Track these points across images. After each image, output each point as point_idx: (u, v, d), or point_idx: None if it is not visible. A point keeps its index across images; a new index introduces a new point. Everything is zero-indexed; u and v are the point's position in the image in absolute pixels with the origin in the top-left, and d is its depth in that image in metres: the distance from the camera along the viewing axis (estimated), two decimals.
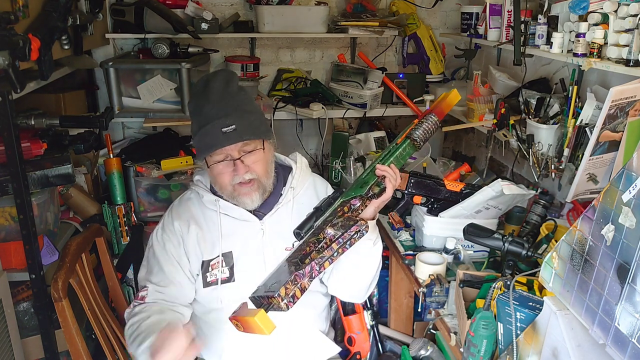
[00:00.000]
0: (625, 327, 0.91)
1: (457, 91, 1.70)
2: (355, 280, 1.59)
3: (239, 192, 1.50)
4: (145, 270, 1.57)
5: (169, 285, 1.52)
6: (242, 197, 1.51)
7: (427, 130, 1.60)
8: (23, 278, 1.74)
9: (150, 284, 1.52)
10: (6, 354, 1.70)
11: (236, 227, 1.55)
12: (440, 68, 2.96)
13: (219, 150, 1.45)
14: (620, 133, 1.56)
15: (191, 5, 2.51)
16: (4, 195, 1.65)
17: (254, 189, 1.50)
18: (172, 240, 1.55)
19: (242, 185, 1.49)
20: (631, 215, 0.90)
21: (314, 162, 3.08)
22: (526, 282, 1.38)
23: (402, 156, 1.56)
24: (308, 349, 1.60)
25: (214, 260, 1.54)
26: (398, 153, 1.55)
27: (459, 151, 3.13)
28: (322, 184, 1.71)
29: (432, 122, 1.62)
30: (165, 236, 1.56)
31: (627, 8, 1.53)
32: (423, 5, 2.97)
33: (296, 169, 1.63)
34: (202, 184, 1.62)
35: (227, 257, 1.54)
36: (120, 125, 2.86)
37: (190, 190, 1.64)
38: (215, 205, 1.55)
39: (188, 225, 1.56)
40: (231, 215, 1.55)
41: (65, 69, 2.06)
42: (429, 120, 1.62)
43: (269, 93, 2.86)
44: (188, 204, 1.61)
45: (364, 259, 1.53)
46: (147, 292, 1.51)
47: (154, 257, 1.56)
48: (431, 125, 1.62)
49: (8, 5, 1.54)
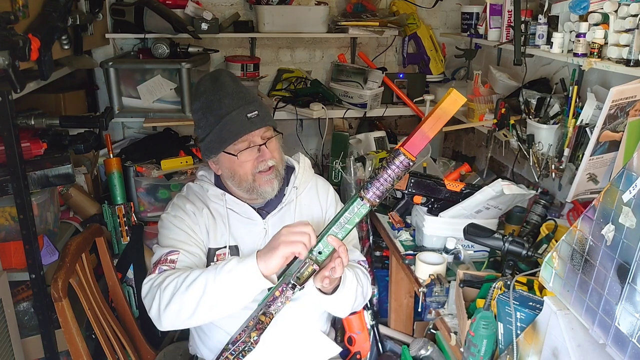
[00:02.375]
0: (625, 327, 0.91)
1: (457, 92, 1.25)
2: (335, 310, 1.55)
3: (259, 181, 1.49)
4: (164, 245, 1.46)
5: (197, 258, 1.47)
6: (263, 186, 1.49)
7: (384, 185, 1.21)
8: (23, 278, 1.74)
9: (182, 250, 1.43)
10: (6, 353, 1.70)
11: (240, 223, 1.55)
12: (441, 68, 2.96)
13: (245, 137, 1.46)
14: (620, 133, 1.56)
15: (191, 5, 2.51)
16: (4, 195, 1.65)
17: (273, 176, 1.50)
18: (187, 218, 1.52)
19: (263, 174, 1.49)
20: (631, 215, 0.90)
21: (314, 162, 3.08)
22: (526, 282, 1.37)
23: (349, 220, 1.24)
24: (309, 349, 1.59)
25: (220, 251, 1.53)
26: (344, 218, 1.24)
27: (459, 151, 3.13)
28: (324, 185, 1.71)
29: (393, 171, 1.20)
30: (179, 214, 1.52)
31: (627, 8, 1.53)
32: (423, 5, 2.97)
33: (299, 168, 1.63)
34: (206, 178, 1.61)
35: (233, 250, 1.54)
36: (120, 125, 2.86)
37: (194, 184, 1.62)
38: (222, 199, 1.55)
39: (201, 209, 1.54)
40: (236, 211, 1.55)
41: (65, 69, 2.06)
42: (390, 168, 1.20)
43: (269, 93, 2.86)
44: (196, 192, 1.60)
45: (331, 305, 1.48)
46: (177, 255, 1.41)
47: (173, 231, 1.48)
48: (392, 175, 1.20)
49: (8, 5, 1.55)
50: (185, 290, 1.29)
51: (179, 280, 1.31)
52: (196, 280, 1.29)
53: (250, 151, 1.48)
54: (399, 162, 1.20)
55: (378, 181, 1.21)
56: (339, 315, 1.57)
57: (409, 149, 1.20)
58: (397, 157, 1.20)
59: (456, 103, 1.23)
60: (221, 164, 1.53)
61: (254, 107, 1.47)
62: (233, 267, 1.27)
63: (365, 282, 1.58)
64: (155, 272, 1.39)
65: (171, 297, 1.30)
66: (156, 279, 1.36)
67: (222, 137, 1.47)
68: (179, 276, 1.32)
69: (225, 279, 1.26)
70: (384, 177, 1.21)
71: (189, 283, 1.29)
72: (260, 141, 1.48)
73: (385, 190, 1.22)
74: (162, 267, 1.40)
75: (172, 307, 1.30)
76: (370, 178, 1.23)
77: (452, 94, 1.23)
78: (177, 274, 1.33)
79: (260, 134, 1.48)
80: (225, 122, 1.45)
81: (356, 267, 1.57)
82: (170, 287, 1.31)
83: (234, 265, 1.27)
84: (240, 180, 1.50)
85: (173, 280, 1.32)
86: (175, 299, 1.29)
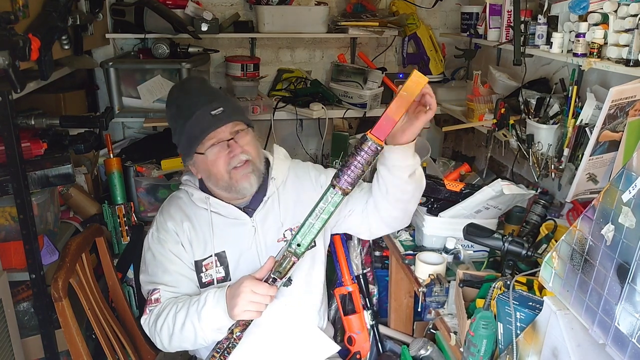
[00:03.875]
0: (625, 327, 0.91)
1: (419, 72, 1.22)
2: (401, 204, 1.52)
3: (236, 177, 1.47)
4: (148, 275, 1.53)
5: (179, 284, 1.50)
6: (240, 182, 1.47)
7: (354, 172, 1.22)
8: (23, 278, 1.74)
9: (160, 285, 1.49)
10: (6, 354, 1.70)
11: (227, 226, 1.54)
12: (440, 68, 2.96)
13: (211, 135, 1.44)
14: (620, 133, 1.56)
15: (191, 5, 2.51)
16: (4, 195, 1.65)
17: (249, 170, 1.48)
18: (169, 240, 1.53)
19: (238, 170, 1.47)
20: (631, 215, 0.90)
21: (314, 162, 3.07)
22: (526, 282, 1.37)
23: (324, 210, 1.26)
24: (307, 348, 1.59)
25: (207, 261, 1.53)
26: (318, 208, 1.26)
27: (458, 151, 3.13)
28: (302, 168, 1.68)
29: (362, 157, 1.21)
30: (161, 236, 1.55)
31: (627, 8, 1.53)
32: (423, 5, 2.97)
33: (273, 160, 1.61)
34: (191, 182, 1.60)
35: (220, 257, 1.53)
36: (120, 125, 2.86)
37: (179, 190, 1.63)
38: (206, 203, 1.54)
39: (182, 223, 1.54)
40: (222, 214, 1.54)
41: (65, 69, 2.06)
42: (359, 154, 1.22)
43: (269, 93, 2.87)
44: (179, 202, 1.59)
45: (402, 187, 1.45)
46: (159, 294, 1.48)
47: (155, 260, 1.52)
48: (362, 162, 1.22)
49: (8, 5, 1.55)
50: (180, 333, 1.39)
51: (169, 323, 1.41)
52: (185, 324, 1.38)
53: (221, 147, 1.46)
54: (367, 148, 1.21)
55: (349, 168, 1.22)
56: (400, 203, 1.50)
57: (376, 133, 1.21)
58: (365, 142, 1.21)
59: (418, 83, 1.21)
60: (197, 166, 1.52)
61: (217, 104, 1.46)
62: (208, 313, 1.35)
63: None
64: (146, 313, 1.48)
65: (170, 338, 1.42)
66: (149, 320, 1.47)
67: (190, 138, 1.47)
68: (167, 315, 1.42)
69: (207, 324, 1.36)
70: (354, 164, 1.22)
71: (180, 326, 1.39)
72: (228, 137, 1.46)
73: (357, 176, 1.23)
74: (149, 307, 1.48)
75: (174, 344, 1.44)
76: (341, 166, 1.24)
77: (413, 75, 1.21)
78: (165, 313, 1.42)
79: (227, 129, 1.46)
80: (191, 122, 1.45)
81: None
82: (165, 330, 1.42)
83: (208, 312, 1.35)
84: (216, 180, 1.49)
85: (165, 322, 1.42)
86: (174, 338, 1.42)
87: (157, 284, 1.49)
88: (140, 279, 1.56)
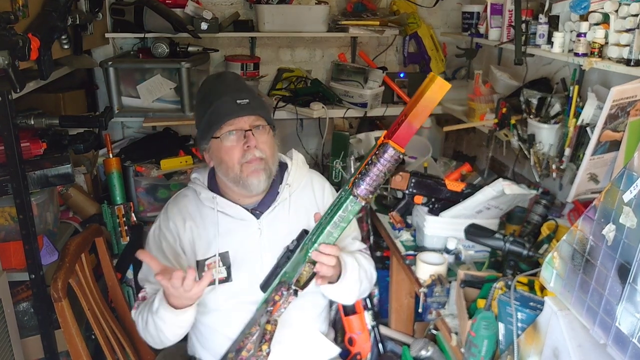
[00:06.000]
0: (626, 327, 0.91)
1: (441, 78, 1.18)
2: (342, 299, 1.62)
3: (246, 171, 1.46)
4: (142, 272, 1.57)
5: None
6: (249, 177, 1.46)
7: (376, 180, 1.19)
8: (23, 278, 1.74)
9: (148, 284, 1.53)
10: (6, 354, 1.70)
11: (233, 226, 1.53)
12: (441, 67, 2.96)
13: (231, 121, 1.45)
14: (621, 133, 1.56)
15: (191, 5, 2.51)
16: (4, 195, 1.65)
17: (261, 167, 1.47)
18: (167, 239, 1.54)
19: (251, 164, 1.46)
20: (632, 215, 0.90)
21: (314, 161, 3.08)
22: (527, 282, 1.37)
23: (344, 219, 1.25)
24: (308, 350, 1.59)
25: (210, 260, 1.52)
26: (338, 216, 1.25)
27: (460, 151, 3.13)
28: (319, 181, 1.68)
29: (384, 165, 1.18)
30: (161, 234, 1.56)
31: (627, 8, 1.53)
32: (424, 4, 2.96)
33: (292, 165, 1.61)
34: (199, 181, 1.60)
35: (224, 257, 1.53)
36: (120, 125, 2.86)
37: (187, 188, 1.63)
38: (213, 202, 1.54)
39: (184, 222, 1.55)
40: (228, 214, 1.54)
41: (65, 69, 2.06)
42: (380, 162, 1.18)
43: (269, 92, 2.86)
44: (185, 201, 1.59)
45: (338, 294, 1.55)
46: (145, 292, 1.52)
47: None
48: (383, 170, 1.18)
49: (8, 5, 1.54)
50: (145, 329, 1.46)
51: (141, 320, 1.47)
52: (147, 321, 1.44)
53: (238, 137, 1.46)
54: (388, 156, 1.17)
55: (369, 177, 1.18)
56: (347, 302, 1.64)
57: (397, 141, 1.17)
58: (387, 151, 1.16)
59: (441, 90, 1.16)
60: (211, 153, 1.52)
61: (245, 95, 1.48)
62: (157, 306, 1.38)
63: (368, 265, 1.60)
64: (135, 306, 1.54)
65: (143, 333, 1.49)
66: (135, 317, 1.52)
67: (210, 121, 1.47)
68: (141, 312, 1.48)
69: (162, 323, 1.40)
70: (374, 172, 1.18)
71: (144, 324, 1.45)
72: (247, 127, 1.47)
73: (377, 185, 1.19)
74: (137, 303, 1.54)
75: (149, 340, 1.51)
76: (361, 174, 1.20)
77: (436, 82, 1.15)
78: (139, 310, 1.50)
79: (249, 121, 1.47)
80: (215, 106, 1.47)
81: (356, 253, 1.59)
82: (139, 324, 1.49)
83: (156, 305, 1.39)
84: (227, 169, 1.48)
85: (138, 317, 1.49)
86: (145, 334, 1.48)
87: (146, 282, 1.54)
88: (139, 272, 1.60)
